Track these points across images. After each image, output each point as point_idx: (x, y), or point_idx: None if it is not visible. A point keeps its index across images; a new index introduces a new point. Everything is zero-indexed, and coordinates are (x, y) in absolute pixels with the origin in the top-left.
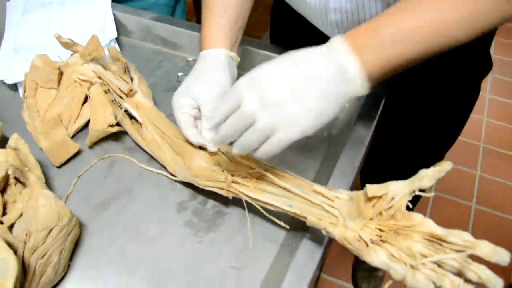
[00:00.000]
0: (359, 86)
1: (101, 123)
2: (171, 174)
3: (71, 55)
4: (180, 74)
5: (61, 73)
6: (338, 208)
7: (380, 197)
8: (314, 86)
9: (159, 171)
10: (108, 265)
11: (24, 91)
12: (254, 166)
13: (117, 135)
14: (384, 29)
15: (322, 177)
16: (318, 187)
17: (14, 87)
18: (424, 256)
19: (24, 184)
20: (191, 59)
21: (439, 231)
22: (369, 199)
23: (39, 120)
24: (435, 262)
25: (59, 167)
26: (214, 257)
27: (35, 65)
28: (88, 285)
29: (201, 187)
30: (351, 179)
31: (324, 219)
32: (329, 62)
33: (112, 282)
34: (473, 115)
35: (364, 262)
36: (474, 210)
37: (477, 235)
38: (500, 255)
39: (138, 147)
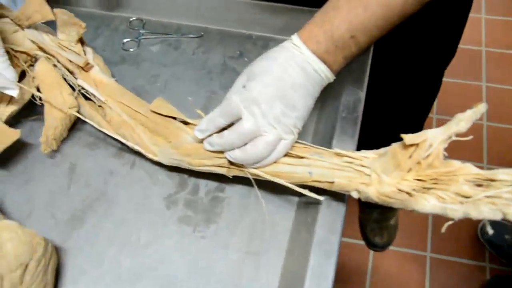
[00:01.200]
0: (329, 79)
1: (60, 108)
2: (150, 160)
3: None
4: (125, 40)
5: None
6: (369, 166)
7: (417, 145)
8: (299, 92)
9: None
10: (104, 286)
11: None
12: None
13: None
14: (340, 29)
15: (322, 141)
16: (340, 150)
17: None
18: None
19: None
20: (134, 18)
21: (483, 172)
22: (406, 148)
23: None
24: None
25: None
26: (222, 251)
27: None
28: None
29: (194, 168)
30: (354, 146)
31: (354, 180)
32: (307, 72)
33: None
34: (471, 15)
35: (371, 215)
36: (486, 128)
37: (492, 156)
38: None
39: (99, 139)
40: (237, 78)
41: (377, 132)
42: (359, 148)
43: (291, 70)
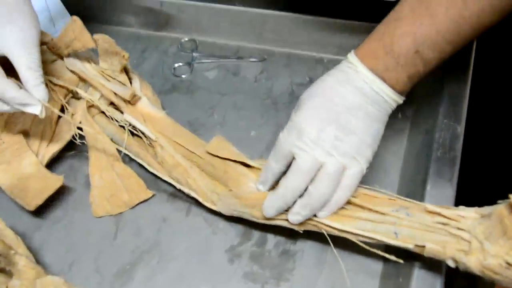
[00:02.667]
0: (396, 101)
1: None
2: (206, 208)
3: None
4: (176, 65)
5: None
6: (469, 230)
7: None
8: (357, 115)
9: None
10: None
11: None
12: None
13: None
14: (402, 43)
15: (412, 185)
16: (431, 206)
17: None
18: None
19: (7, 273)
20: (186, 39)
21: None
22: None
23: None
24: None
25: (34, 212)
26: None
27: None
28: None
29: (259, 221)
30: (452, 192)
31: (449, 245)
32: (365, 92)
33: None
34: None
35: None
36: None
37: None
38: None
39: (149, 180)
40: None
41: (476, 176)
42: (457, 195)
43: (344, 91)
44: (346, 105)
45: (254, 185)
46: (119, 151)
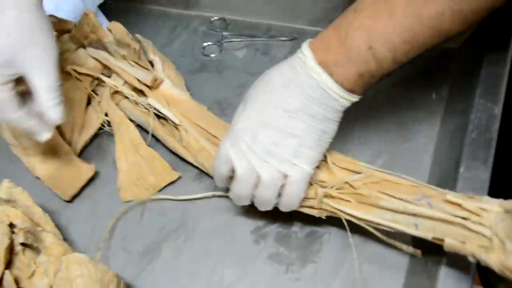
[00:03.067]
0: (347, 99)
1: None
2: None
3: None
4: (206, 44)
5: None
6: (490, 226)
7: None
8: (301, 117)
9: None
10: None
11: None
12: (354, 171)
13: None
14: (356, 36)
15: (445, 168)
16: (453, 197)
17: None
18: None
19: (35, 249)
20: (215, 18)
21: None
22: None
23: (29, 138)
24: None
25: (70, 201)
26: None
27: None
28: None
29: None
30: (487, 174)
31: (470, 241)
32: (307, 91)
33: None
34: None
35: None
36: None
37: None
38: None
39: (175, 161)
40: None
41: (506, 164)
42: (492, 178)
43: (286, 93)
44: (286, 108)
45: None
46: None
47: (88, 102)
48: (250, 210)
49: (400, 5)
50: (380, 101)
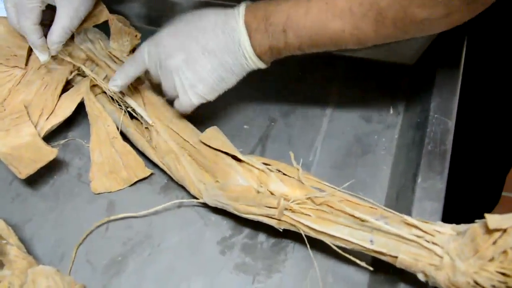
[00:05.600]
0: (255, 63)
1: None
2: (195, 198)
3: None
4: None
5: (30, 48)
6: (442, 245)
7: (505, 230)
8: (211, 58)
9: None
10: None
11: None
12: (316, 187)
13: None
14: (277, 17)
15: (403, 178)
16: (410, 219)
17: None
18: None
19: None
20: None
21: None
22: (489, 233)
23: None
24: None
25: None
26: None
27: None
28: None
29: (241, 215)
30: (443, 185)
31: (422, 259)
32: (228, 40)
33: None
34: None
35: None
36: None
37: None
38: None
39: (148, 164)
40: None
41: (466, 170)
42: (447, 188)
43: (211, 34)
44: (204, 46)
45: (240, 179)
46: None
47: (64, 90)
48: (216, 222)
49: (316, 8)
50: (340, 114)
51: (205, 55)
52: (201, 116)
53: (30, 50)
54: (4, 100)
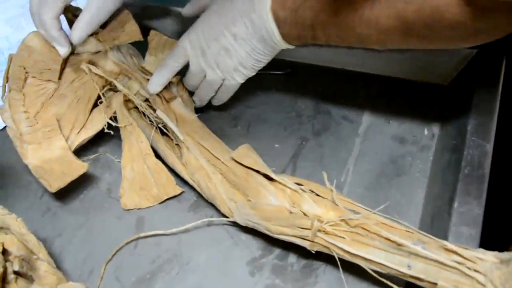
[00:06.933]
0: (285, 46)
1: (137, 158)
2: (225, 216)
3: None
4: None
5: (64, 61)
6: (485, 273)
7: None
8: (244, 45)
9: (211, 219)
10: None
11: (6, 81)
12: (351, 210)
13: None
14: (306, 11)
15: (438, 203)
16: (449, 244)
17: None
18: None
19: (28, 278)
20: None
21: None
22: None
23: (27, 124)
24: None
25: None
26: None
27: (28, 45)
28: None
29: (272, 235)
30: (481, 210)
31: (463, 286)
32: (256, 29)
33: None
34: None
35: None
36: None
37: None
38: None
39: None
40: None
41: (505, 195)
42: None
43: (239, 24)
44: (236, 34)
45: (273, 199)
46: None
47: (95, 105)
48: (247, 241)
49: (344, 12)
50: (373, 135)
51: (239, 42)
52: (231, 134)
53: (63, 64)
54: (37, 113)
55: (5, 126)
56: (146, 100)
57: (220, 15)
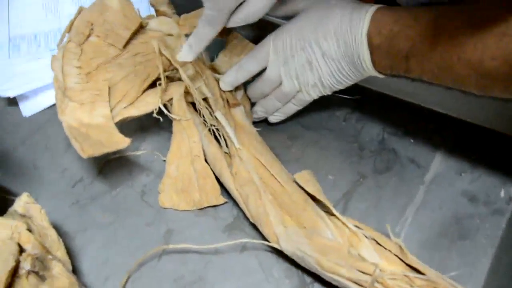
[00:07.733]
0: (373, 74)
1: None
2: (262, 249)
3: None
4: None
5: (134, 32)
6: None
7: None
8: (331, 64)
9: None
10: None
11: (68, 30)
12: (414, 268)
13: None
14: (402, 41)
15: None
16: None
17: (11, 101)
18: None
19: (40, 276)
20: None
21: None
22: None
23: (76, 80)
24: None
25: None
26: None
27: (105, 3)
28: None
29: (323, 273)
30: None
31: None
32: (347, 50)
33: None
34: None
35: None
36: None
37: None
38: None
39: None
40: None
41: None
42: None
43: (332, 37)
44: (325, 51)
45: (330, 234)
46: None
47: (150, 86)
48: (279, 279)
49: (442, 46)
50: (440, 185)
51: (325, 59)
52: (282, 155)
53: (133, 34)
54: (89, 73)
55: (49, 106)
56: (205, 99)
57: (312, 27)
